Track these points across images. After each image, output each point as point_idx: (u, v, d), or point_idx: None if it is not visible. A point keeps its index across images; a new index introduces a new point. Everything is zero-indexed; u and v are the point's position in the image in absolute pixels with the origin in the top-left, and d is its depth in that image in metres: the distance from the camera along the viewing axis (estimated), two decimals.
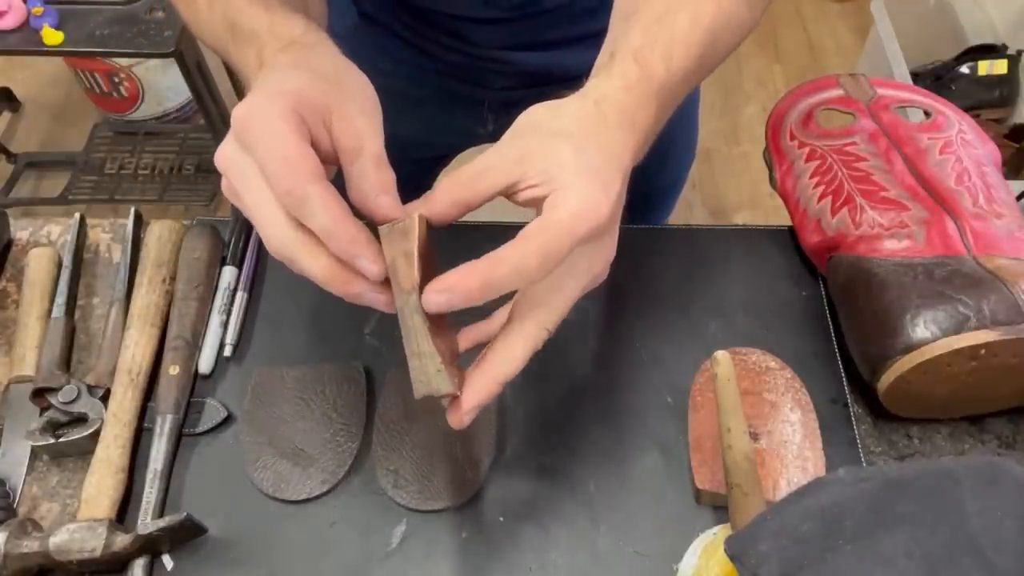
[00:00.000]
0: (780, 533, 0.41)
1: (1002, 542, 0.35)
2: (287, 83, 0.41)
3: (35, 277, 0.69)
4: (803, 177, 0.69)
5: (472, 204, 0.43)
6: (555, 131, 0.43)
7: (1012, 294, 0.56)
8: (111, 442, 0.60)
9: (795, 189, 0.70)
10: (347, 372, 0.65)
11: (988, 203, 0.63)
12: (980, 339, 0.55)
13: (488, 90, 0.76)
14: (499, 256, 0.39)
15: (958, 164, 0.65)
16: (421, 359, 0.43)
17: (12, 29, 1.48)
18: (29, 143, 2.09)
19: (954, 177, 0.64)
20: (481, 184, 0.42)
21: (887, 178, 0.65)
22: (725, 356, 0.56)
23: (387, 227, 0.43)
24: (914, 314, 0.57)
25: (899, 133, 0.69)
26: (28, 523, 0.56)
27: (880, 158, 0.67)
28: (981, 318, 0.55)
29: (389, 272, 0.43)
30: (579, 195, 0.40)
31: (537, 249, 0.39)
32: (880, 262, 0.61)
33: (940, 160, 0.66)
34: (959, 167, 0.65)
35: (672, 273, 0.70)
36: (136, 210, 0.73)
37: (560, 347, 0.66)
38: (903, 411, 0.61)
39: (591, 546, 0.57)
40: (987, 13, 1.99)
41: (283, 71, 0.43)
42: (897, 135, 0.69)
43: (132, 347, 0.64)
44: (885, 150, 0.68)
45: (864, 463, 0.60)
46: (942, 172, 0.65)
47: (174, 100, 1.98)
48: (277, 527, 0.59)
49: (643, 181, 0.89)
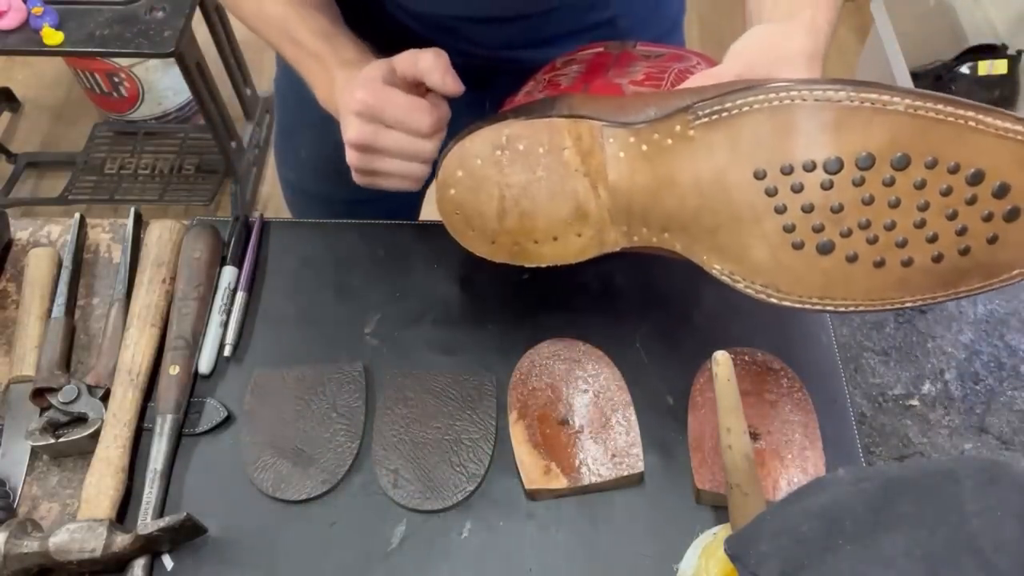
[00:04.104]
0: (780, 533, 0.41)
1: (1002, 542, 0.35)
2: (367, 72, 0.57)
3: (35, 277, 0.69)
4: (518, 96, 0.66)
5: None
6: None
7: (554, 105, 0.53)
8: (111, 442, 0.60)
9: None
10: (347, 372, 0.65)
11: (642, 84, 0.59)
12: (501, 126, 0.52)
13: (491, 90, 0.76)
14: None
15: (654, 73, 0.61)
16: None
17: (12, 29, 1.48)
18: (29, 143, 2.08)
19: (634, 78, 0.60)
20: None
21: (571, 79, 0.63)
22: (725, 356, 0.56)
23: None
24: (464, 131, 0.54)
25: (622, 60, 0.64)
26: (28, 523, 0.56)
27: (579, 73, 0.64)
28: (515, 116, 0.53)
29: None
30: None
31: None
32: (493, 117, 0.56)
33: (637, 69, 0.62)
34: (652, 75, 0.60)
35: (672, 273, 0.70)
36: (136, 210, 0.73)
37: None
38: (468, 238, 0.57)
39: (591, 546, 0.57)
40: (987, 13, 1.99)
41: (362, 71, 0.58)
42: (620, 61, 0.64)
43: (132, 347, 0.64)
44: (591, 68, 0.64)
45: (864, 463, 0.60)
46: (627, 75, 0.61)
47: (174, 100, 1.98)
48: (277, 527, 0.59)
49: None
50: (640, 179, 0.51)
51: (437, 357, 0.66)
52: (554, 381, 0.63)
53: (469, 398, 0.64)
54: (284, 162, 0.91)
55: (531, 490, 0.59)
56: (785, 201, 0.47)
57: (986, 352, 0.67)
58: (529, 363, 0.65)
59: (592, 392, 0.63)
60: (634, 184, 0.51)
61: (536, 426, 0.61)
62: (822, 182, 0.46)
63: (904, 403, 0.64)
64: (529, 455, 0.60)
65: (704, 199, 0.49)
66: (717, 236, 0.50)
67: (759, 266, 0.49)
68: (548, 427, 0.61)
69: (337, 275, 0.71)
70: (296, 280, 0.71)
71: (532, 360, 0.65)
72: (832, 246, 0.47)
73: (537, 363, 0.65)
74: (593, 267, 0.71)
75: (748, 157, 0.47)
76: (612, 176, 0.52)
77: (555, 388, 0.63)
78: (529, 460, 0.60)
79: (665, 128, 0.49)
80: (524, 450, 0.60)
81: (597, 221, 0.54)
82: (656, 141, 0.49)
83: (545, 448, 0.60)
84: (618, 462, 0.59)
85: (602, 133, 0.51)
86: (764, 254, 0.49)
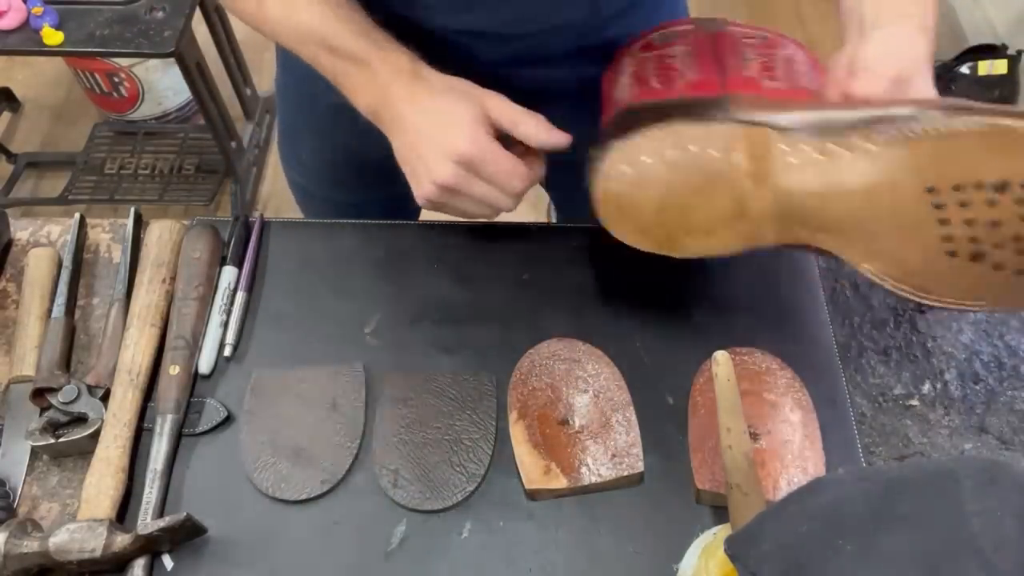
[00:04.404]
0: (780, 533, 0.41)
1: (1002, 542, 0.35)
2: (467, 115, 0.58)
3: (35, 277, 0.69)
4: (623, 76, 0.66)
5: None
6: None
7: (728, 106, 0.55)
8: (111, 442, 0.60)
9: (613, 88, 0.67)
10: (347, 372, 0.65)
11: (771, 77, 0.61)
12: (673, 127, 0.54)
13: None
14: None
15: (768, 64, 0.63)
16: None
17: (12, 29, 1.48)
18: (29, 143, 2.08)
19: (756, 69, 0.62)
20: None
21: (686, 60, 0.63)
22: (725, 356, 0.56)
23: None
24: (629, 125, 0.56)
25: (724, 42, 0.66)
26: (28, 523, 0.56)
27: (690, 48, 0.65)
28: (685, 115, 0.55)
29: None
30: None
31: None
32: (637, 104, 0.59)
33: (750, 57, 0.63)
34: (768, 66, 0.62)
35: (672, 273, 0.70)
36: (136, 210, 0.73)
37: None
38: (620, 224, 0.59)
39: (591, 546, 0.57)
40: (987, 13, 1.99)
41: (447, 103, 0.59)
42: (721, 39, 0.66)
43: (132, 347, 0.64)
44: (699, 51, 0.65)
45: (864, 463, 0.60)
46: (745, 64, 0.62)
47: (174, 100, 1.98)
48: (277, 527, 0.59)
49: None
50: (809, 185, 0.53)
51: (437, 357, 0.66)
52: (554, 381, 0.63)
53: (469, 398, 0.64)
54: (288, 163, 0.91)
55: (531, 490, 0.59)
56: (950, 215, 0.51)
57: (986, 352, 0.67)
58: (529, 363, 0.65)
59: (592, 392, 0.63)
60: (802, 189, 0.54)
61: (536, 426, 0.61)
62: (988, 199, 0.49)
63: (904, 403, 0.64)
64: (529, 455, 0.60)
65: (871, 208, 0.52)
66: (875, 241, 0.53)
67: (912, 270, 0.53)
68: (548, 427, 0.61)
69: (337, 275, 0.71)
70: (296, 280, 0.71)
71: (532, 360, 0.65)
72: (983, 255, 0.51)
73: (537, 363, 0.65)
74: (593, 267, 0.71)
75: (923, 173, 0.50)
76: (780, 180, 0.54)
77: (555, 388, 0.63)
78: (529, 460, 0.60)
79: (844, 141, 0.52)
80: (524, 450, 0.60)
81: (755, 220, 0.56)
82: (832, 151, 0.52)
83: (545, 448, 0.60)
84: (618, 462, 0.59)
85: (776, 140, 0.53)
86: (919, 260, 0.53)
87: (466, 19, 0.65)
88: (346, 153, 0.80)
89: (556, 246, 0.72)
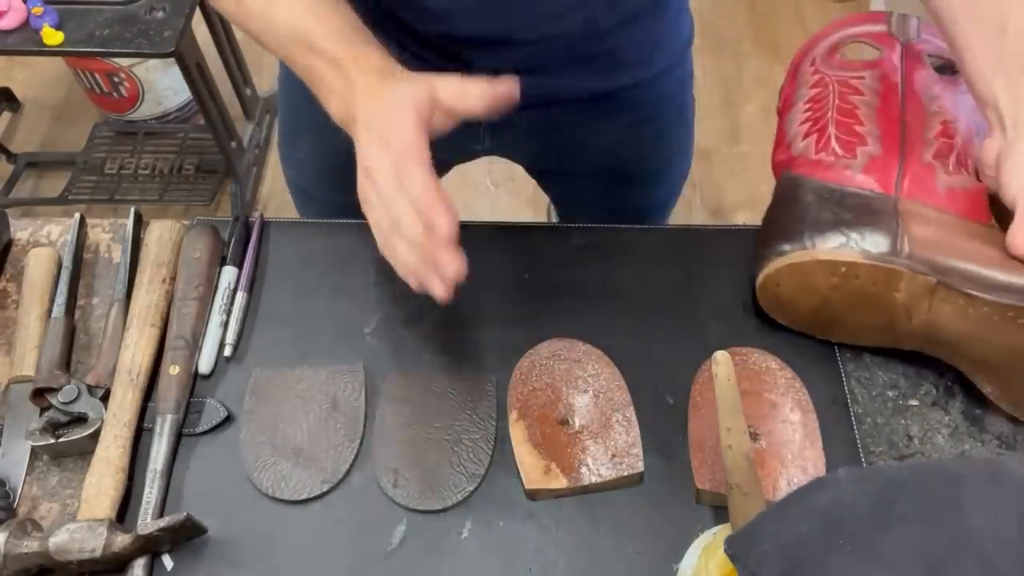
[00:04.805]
0: (780, 533, 0.41)
1: (1002, 542, 0.35)
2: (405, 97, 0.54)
3: (35, 277, 0.69)
4: (799, 102, 0.69)
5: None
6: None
7: (897, 232, 0.58)
8: (111, 442, 0.60)
9: (788, 112, 0.70)
10: (347, 372, 0.65)
11: (952, 160, 0.62)
12: (842, 257, 0.58)
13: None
14: None
15: (951, 121, 0.64)
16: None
17: (12, 29, 1.48)
18: (29, 143, 2.08)
19: (937, 130, 0.63)
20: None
21: (869, 114, 0.65)
22: (725, 356, 0.56)
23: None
24: (801, 229, 0.60)
25: (914, 76, 0.67)
26: (28, 523, 0.56)
27: (877, 95, 0.66)
28: (855, 244, 0.58)
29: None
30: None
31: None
32: (809, 183, 0.63)
33: (934, 111, 0.65)
34: (950, 124, 0.64)
35: (672, 273, 0.70)
36: (136, 210, 0.73)
37: None
38: (776, 313, 0.65)
39: (591, 546, 0.57)
40: None
41: (391, 86, 0.55)
42: (911, 78, 0.67)
43: (132, 347, 0.64)
44: (887, 89, 0.66)
45: (864, 463, 0.60)
46: (928, 122, 0.64)
47: (174, 100, 1.98)
48: (277, 527, 0.59)
49: (640, 197, 0.89)
50: (955, 327, 0.58)
51: (437, 357, 0.66)
52: (554, 381, 0.63)
53: (469, 398, 0.64)
54: (288, 163, 0.91)
55: (531, 490, 0.59)
56: None
57: None
58: (529, 363, 0.65)
59: (592, 392, 0.63)
60: (948, 327, 0.59)
61: (536, 426, 0.61)
62: None
63: (904, 403, 0.64)
64: (529, 455, 0.60)
65: (1008, 358, 0.57)
66: (1007, 380, 0.59)
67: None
68: (548, 427, 0.61)
69: (337, 275, 0.71)
70: (296, 280, 0.71)
71: (532, 360, 0.65)
72: None
73: (537, 363, 0.65)
74: (593, 267, 0.71)
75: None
76: (932, 317, 0.59)
77: (555, 388, 0.63)
78: (529, 460, 0.60)
79: (999, 311, 0.55)
80: (524, 450, 0.60)
81: (900, 336, 0.62)
82: (986, 314, 0.56)
83: (545, 448, 0.60)
84: (618, 462, 0.59)
85: (938, 288, 0.57)
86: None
87: (462, 26, 0.65)
88: (346, 154, 0.80)
89: (556, 246, 0.72)
